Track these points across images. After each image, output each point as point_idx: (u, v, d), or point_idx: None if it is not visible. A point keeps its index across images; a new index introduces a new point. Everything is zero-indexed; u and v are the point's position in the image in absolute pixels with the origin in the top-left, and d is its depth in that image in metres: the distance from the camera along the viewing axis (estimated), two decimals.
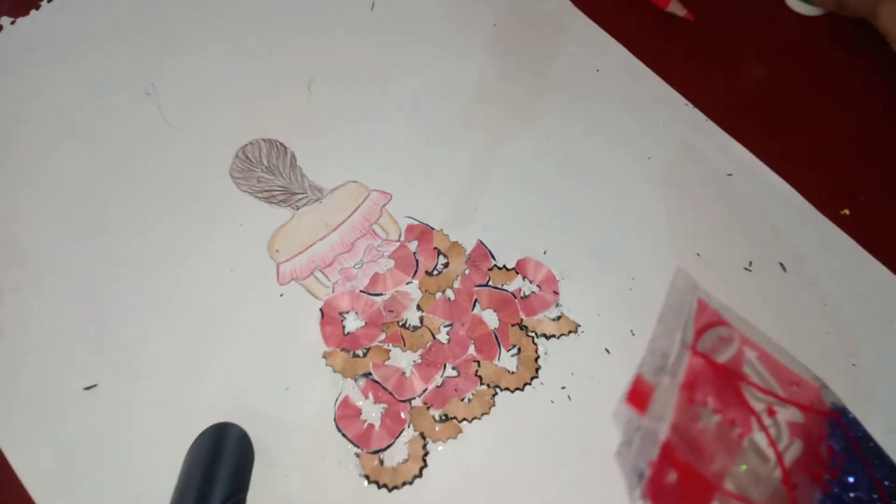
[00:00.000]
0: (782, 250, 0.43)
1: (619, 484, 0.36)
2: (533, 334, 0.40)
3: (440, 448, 0.37)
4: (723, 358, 0.29)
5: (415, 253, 0.42)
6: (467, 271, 0.42)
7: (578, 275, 0.42)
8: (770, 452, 0.28)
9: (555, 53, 0.49)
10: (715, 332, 0.30)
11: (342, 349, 0.40)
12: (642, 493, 0.31)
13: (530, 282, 0.42)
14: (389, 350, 0.40)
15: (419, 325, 0.40)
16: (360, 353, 0.40)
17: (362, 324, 0.40)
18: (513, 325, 0.40)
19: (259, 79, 0.48)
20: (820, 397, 0.29)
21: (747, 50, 0.50)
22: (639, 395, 0.30)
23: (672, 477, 0.29)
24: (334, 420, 0.38)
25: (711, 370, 0.29)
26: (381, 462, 0.37)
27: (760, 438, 0.28)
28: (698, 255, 0.42)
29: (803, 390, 0.29)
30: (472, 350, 0.40)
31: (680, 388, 0.29)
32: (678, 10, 0.49)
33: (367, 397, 0.38)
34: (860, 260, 0.42)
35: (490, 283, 0.41)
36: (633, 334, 0.40)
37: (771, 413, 0.28)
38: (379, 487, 0.36)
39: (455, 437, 0.38)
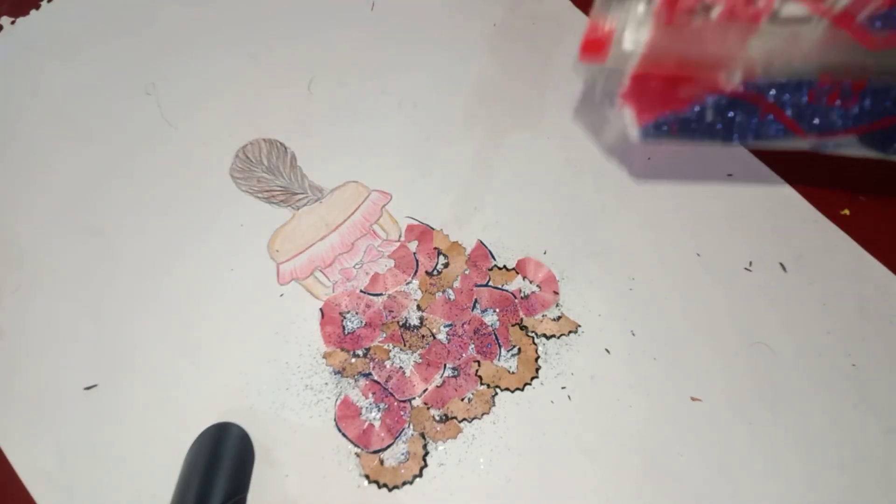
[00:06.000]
0: (782, 250, 0.43)
1: (621, 484, 0.36)
2: (533, 334, 0.40)
3: (440, 448, 0.37)
4: None
5: (415, 253, 0.42)
6: (467, 271, 0.42)
7: (578, 275, 0.42)
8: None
9: (555, 52, 0.49)
10: None
11: (342, 349, 0.40)
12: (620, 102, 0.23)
13: (530, 282, 0.41)
14: (389, 350, 0.40)
15: (419, 325, 0.40)
16: (360, 353, 0.40)
17: (362, 324, 0.40)
18: (513, 325, 0.40)
19: (259, 78, 0.48)
20: None
21: None
22: (594, 44, 0.21)
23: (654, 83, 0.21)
24: (334, 420, 0.38)
25: None
26: (381, 462, 0.37)
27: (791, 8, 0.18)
28: (698, 255, 0.42)
29: None
30: (472, 350, 0.40)
31: (656, 13, 0.20)
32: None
33: (367, 397, 0.38)
34: (860, 260, 0.42)
35: (490, 283, 0.41)
36: (633, 334, 0.40)
37: None
38: (379, 487, 0.36)
39: (455, 437, 0.38)
